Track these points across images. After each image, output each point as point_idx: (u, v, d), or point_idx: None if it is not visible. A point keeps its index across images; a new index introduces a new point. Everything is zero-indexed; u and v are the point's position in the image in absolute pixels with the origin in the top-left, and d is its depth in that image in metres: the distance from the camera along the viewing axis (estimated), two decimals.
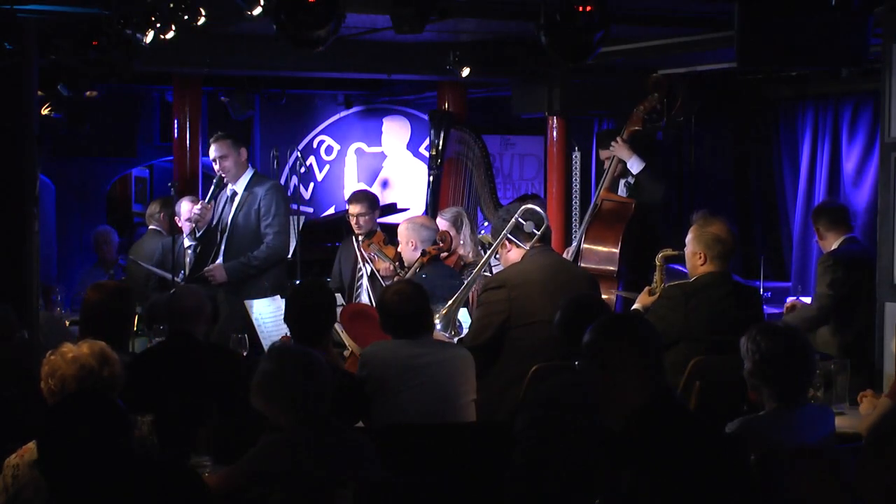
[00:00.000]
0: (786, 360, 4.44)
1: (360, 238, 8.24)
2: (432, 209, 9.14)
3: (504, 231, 6.17)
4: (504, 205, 9.28)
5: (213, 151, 7.88)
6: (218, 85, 10.37)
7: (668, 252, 6.38)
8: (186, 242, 8.21)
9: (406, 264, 7.49)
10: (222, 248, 7.80)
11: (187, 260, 8.10)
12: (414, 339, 5.42)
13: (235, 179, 7.85)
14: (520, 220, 6.14)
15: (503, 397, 5.76)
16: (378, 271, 7.99)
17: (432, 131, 9.42)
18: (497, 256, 6.48)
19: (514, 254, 6.19)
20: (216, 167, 7.89)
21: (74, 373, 4.10)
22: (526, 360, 5.73)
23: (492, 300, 5.97)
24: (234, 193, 7.86)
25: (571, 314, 5.04)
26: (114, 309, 5.56)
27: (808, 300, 7.50)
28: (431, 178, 9.43)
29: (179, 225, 8.42)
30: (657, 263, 6.33)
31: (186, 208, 8.39)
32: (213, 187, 7.94)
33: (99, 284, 5.86)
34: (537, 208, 6.24)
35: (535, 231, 6.12)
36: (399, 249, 7.62)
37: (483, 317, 5.99)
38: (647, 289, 6.21)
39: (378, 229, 8.31)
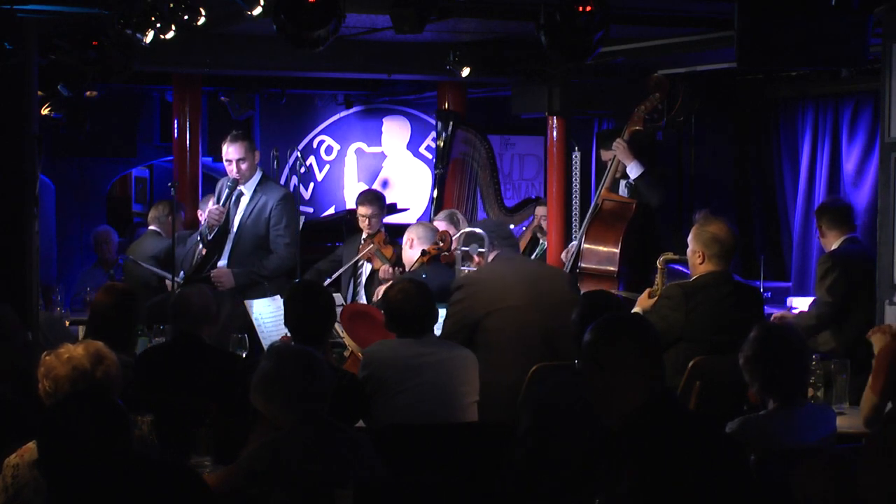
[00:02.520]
0: (774, 357, 4.46)
1: (364, 238, 8.27)
2: (437, 208, 9.14)
3: (457, 267, 6.31)
4: (508, 206, 9.36)
5: (231, 152, 7.68)
6: (218, 85, 10.37)
7: (670, 256, 6.39)
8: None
9: (405, 262, 7.50)
10: (227, 249, 7.76)
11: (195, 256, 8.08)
12: (417, 339, 5.42)
13: (245, 181, 7.77)
14: (462, 249, 6.24)
15: (487, 390, 5.74)
16: (377, 271, 8.01)
17: (439, 130, 9.42)
18: None
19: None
20: (230, 168, 7.70)
21: (67, 373, 4.10)
22: (503, 349, 5.75)
23: (454, 301, 5.98)
24: (241, 194, 7.77)
25: (587, 312, 5.05)
26: (123, 312, 5.57)
27: (805, 301, 7.50)
28: (437, 177, 9.42)
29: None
30: (658, 266, 6.33)
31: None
32: (227, 191, 7.77)
33: (110, 287, 5.86)
34: (474, 230, 6.34)
35: (480, 250, 6.21)
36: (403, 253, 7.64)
37: (452, 323, 5.99)
38: (647, 291, 6.20)
39: (382, 229, 8.32)
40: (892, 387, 5.13)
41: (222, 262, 7.73)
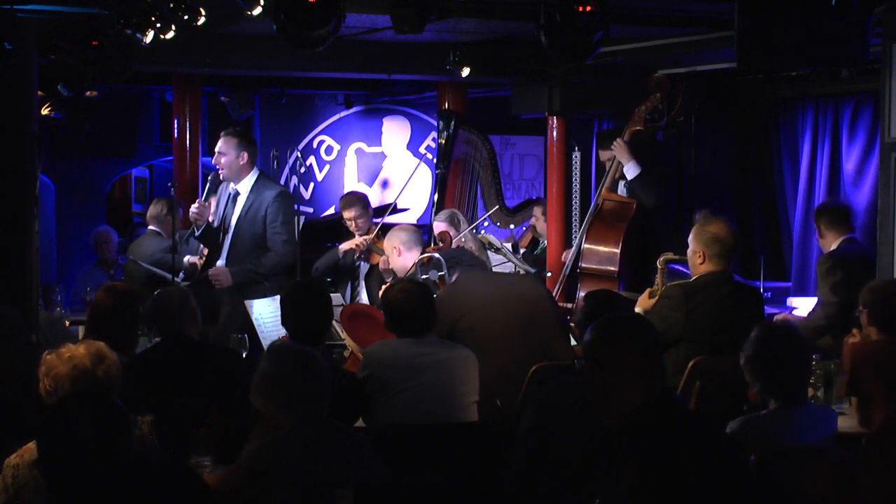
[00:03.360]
0: (775, 357, 4.46)
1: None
2: (438, 208, 9.15)
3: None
4: (509, 206, 9.36)
5: (217, 145, 7.76)
6: (218, 85, 10.38)
7: (670, 256, 6.39)
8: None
9: (396, 272, 7.41)
10: (225, 249, 7.75)
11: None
12: (417, 339, 5.42)
13: (238, 179, 7.74)
14: (423, 278, 6.28)
15: None
16: (377, 265, 8.01)
17: (440, 130, 9.43)
18: None
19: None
20: (214, 160, 7.82)
21: (68, 372, 4.10)
22: (483, 349, 5.76)
23: None
24: (237, 194, 7.76)
25: (592, 311, 5.05)
26: (122, 312, 5.56)
27: (805, 300, 7.50)
28: (438, 176, 9.43)
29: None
30: (659, 266, 6.34)
31: None
32: (208, 184, 7.84)
33: (109, 287, 5.85)
34: (433, 255, 6.38)
35: (440, 273, 6.24)
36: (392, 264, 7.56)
37: None
38: (647, 291, 6.21)
39: (372, 226, 8.31)
40: (855, 382, 5.21)
41: (221, 262, 7.73)
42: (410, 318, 5.42)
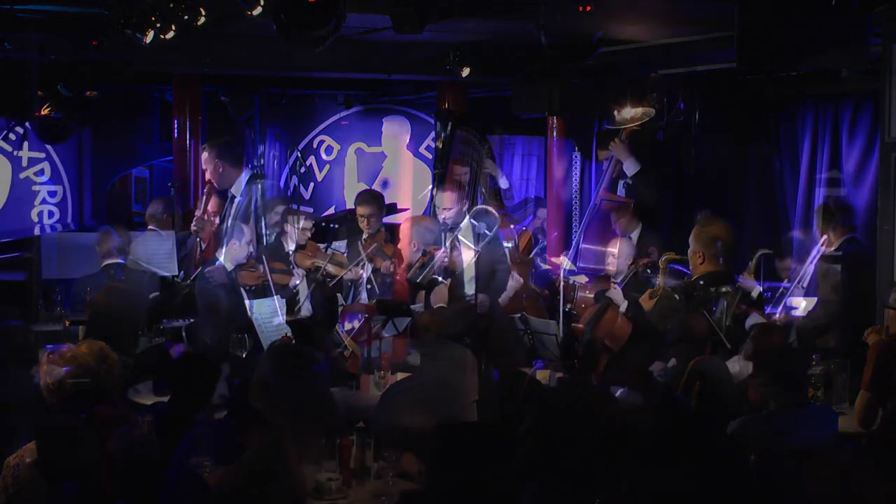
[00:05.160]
0: (776, 356, 4.46)
1: (365, 238, 8.28)
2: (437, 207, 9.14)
3: (455, 233, 6.32)
4: (508, 206, 9.35)
5: None
6: (218, 85, 10.37)
7: (672, 256, 6.39)
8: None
9: (405, 261, 7.50)
10: (225, 247, 7.79)
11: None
12: (415, 339, 5.43)
13: (229, 185, 7.90)
14: (471, 221, 6.25)
15: None
16: (379, 269, 8.01)
17: (438, 131, 9.42)
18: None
19: (463, 255, 6.30)
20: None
21: (72, 371, 4.11)
22: None
23: None
24: (233, 197, 7.87)
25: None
26: (121, 312, 5.57)
27: (804, 301, 7.51)
28: (436, 177, 9.42)
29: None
30: (660, 266, 6.34)
31: None
32: (204, 196, 7.99)
33: (110, 288, 5.85)
34: (490, 209, 6.33)
35: (486, 232, 6.21)
36: (399, 245, 7.64)
37: None
38: (648, 291, 6.21)
39: (382, 228, 8.33)
40: (878, 381, 5.17)
41: (220, 262, 7.76)
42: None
